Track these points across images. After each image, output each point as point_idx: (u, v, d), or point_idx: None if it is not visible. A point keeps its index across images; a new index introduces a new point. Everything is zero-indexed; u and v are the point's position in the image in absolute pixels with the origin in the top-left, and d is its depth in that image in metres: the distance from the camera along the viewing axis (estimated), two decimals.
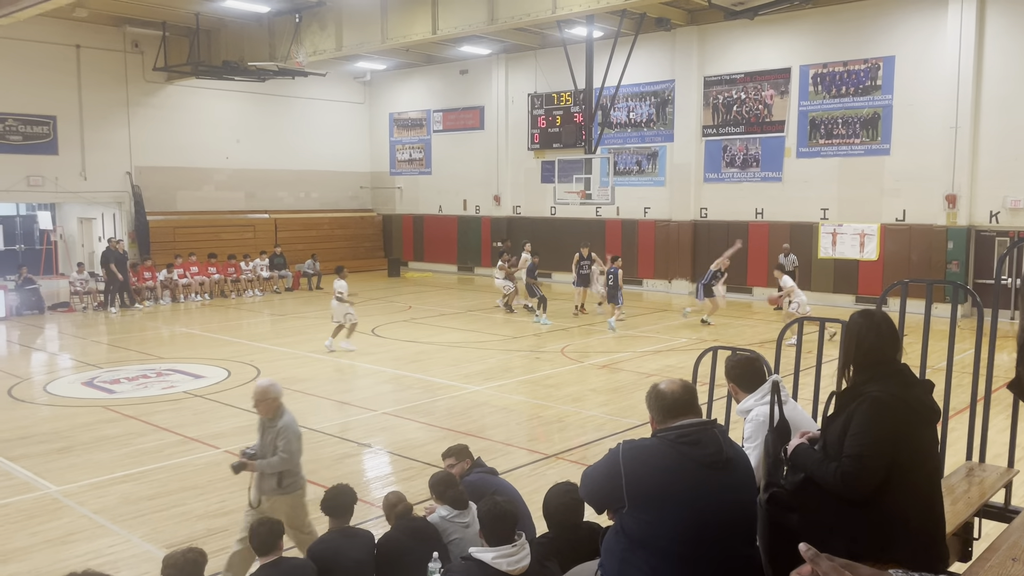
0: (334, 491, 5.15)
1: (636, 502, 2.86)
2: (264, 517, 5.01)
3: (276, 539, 4.70)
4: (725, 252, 18.26)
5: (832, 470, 2.98)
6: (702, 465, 2.87)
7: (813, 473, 3.06)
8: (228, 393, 11.75)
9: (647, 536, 2.84)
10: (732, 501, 2.92)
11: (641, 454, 2.92)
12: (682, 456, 2.87)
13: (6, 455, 8.91)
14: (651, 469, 2.88)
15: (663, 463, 2.88)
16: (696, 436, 2.91)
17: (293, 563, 4.72)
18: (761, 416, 3.76)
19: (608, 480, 2.93)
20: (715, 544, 2.85)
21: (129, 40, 24.35)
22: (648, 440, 2.99)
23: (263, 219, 27.60)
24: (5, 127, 22.42)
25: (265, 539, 4.67)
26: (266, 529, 4.71)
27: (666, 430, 2.97)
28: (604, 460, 3.00)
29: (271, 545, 4.67)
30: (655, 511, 2.83)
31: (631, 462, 2.88)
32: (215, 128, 26.64)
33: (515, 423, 10.41)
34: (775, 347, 5.19)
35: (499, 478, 5.44)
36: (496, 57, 26.93)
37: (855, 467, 2.94)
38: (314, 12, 20.54)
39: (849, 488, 2.96)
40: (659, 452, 2.91)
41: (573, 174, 21.64)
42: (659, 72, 23.44)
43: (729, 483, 2.92)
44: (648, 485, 2.85)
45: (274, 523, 4.82)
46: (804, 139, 21.04)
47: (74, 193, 23.79)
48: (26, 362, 14.97)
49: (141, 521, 7.07)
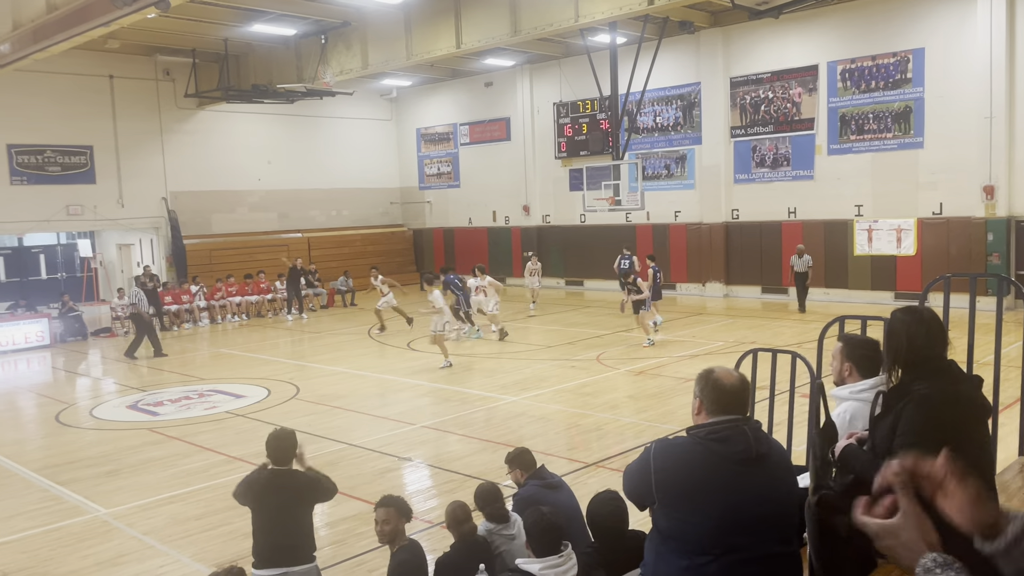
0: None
1: (665, 498, 2.90)
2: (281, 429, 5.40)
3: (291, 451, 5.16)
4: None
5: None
6: (732, 462, 2.87)
7: (863, 474, 3.01)
8: (269, 412, 11.88)
9: (677, 532, 2.88)
10: (765, 498, 2.90)
11: (671, 451, 2.96)
12: (711, 453, 2.88)
13: (56, 479, 9.09)
14: (679, 466, 2.90)
15: (691, 460, 2.90)
16: (726, 433, 2.91)
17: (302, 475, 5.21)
18: (848, 415, 3.61)
19: (641, 477, 2.98)
20: (747, 541, 2.84)
21: (160, 68, 24.86)
22: (679, 439, 3.02)
23: (296, 238, 27.93)
24: (44, 158, 22.99)
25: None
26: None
27: (698, 427, 2.98)
28: (639, 458, 3.06)
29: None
30: (683, 507, 2.87)
31: (661, 460, 2.93)
32: (247, 151, 27.06)
33: (553, 432, 10.39)
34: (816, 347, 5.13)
35: (557, 491, 5.35)
36: (520, 68, 27.04)
37: None
38: (339, 32, 20.81)
39: None
40: (688, 449, 2.94)
41: (601, 181, 21.62)
42: (684, 75, 23.35)
43: (762, 480, 2.90)
44: (676, 482, 2.88)
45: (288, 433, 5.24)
46: (835, 136, 20.81)
47: (112, 220, 24.30)
48: (72, 388, 15.29)
49: (189, 541, 7.17)
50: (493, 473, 7.95)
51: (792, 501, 3.01)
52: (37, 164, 22.86)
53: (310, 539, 5.19)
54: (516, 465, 5.58)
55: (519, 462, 5.60)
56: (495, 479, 6.88)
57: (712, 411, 2.98)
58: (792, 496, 3.02)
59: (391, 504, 4.92)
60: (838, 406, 3.68)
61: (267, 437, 5.25)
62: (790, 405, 5.02)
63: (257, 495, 5.07)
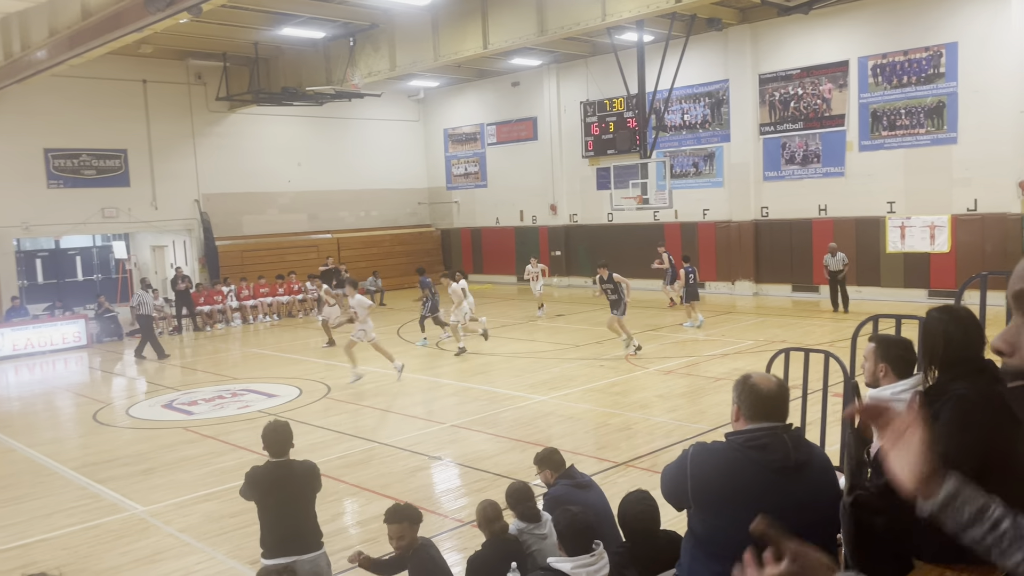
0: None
1: (700, 504, 2.90)
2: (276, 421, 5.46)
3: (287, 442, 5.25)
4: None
5: None
6: (770, 470, 2.85)
7: None
8: (301, 411, 12.01)
9: (711, 537, 2.88)
10: (805, 506, 2.87)
11: (708, 457, 2.95)
12: (749, 461, 2.86)
13: (94, 477, 9.27)
14: (716, 472, 2.90)
15: (728, 467, 2.89)
16: (764, 441, 2.89)
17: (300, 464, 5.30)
18: None
19: (677, 481, 2.98)
20: None
21: (192, 72, 25.21)
22: (717, 444, 3.01)
23: (326, 239, 28.17)
24: (80, 162, 23.41)
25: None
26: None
27: (736, 434, 2.97)
28: (677, 461, 3.06)
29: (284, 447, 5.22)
30: (718, 514, 2.86)
31: (698, 465, 2.92)
32: (277, 153, 27.35)
33: (582, 432, 10.40)
34: (849, 346, 5.09)
35: (587, 490, 5.35)
36: (547, 67, 27.04)
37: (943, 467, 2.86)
38: (368, 35, 20.96)
39: None
40: (725, 456, 2.92)
41: (629, 180, 21.55)
42: (712, 72, 23.20)
43: (802, 488, 2.87)
44: (712, 488, 2.88)
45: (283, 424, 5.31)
46: (866, 132, 20.55)
47: (146, 223, 24.69)
48: (108, 387, 15.57)
49: (225, 538, 7.28)
50: (522, 472, 7.97)
51: (833, 510, 2.98)
52: (73, 168, 23.30)
53: (316, 527, 5.28)
54: (546, 465, 5.58)
55: (548, 462, 5.60)
56: (524, 478, 6.90)
57: (750, 417, 2.96)
58: (834, 505, 2.99)
59: (403, 518, 4.90)
60: None
61: (263, 430, 5.33)
62: (823, 405, 5.00)
63: (260, 488, 5.15)
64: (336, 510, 7.86)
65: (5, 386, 16.13)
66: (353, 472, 8.95)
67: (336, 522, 7.39)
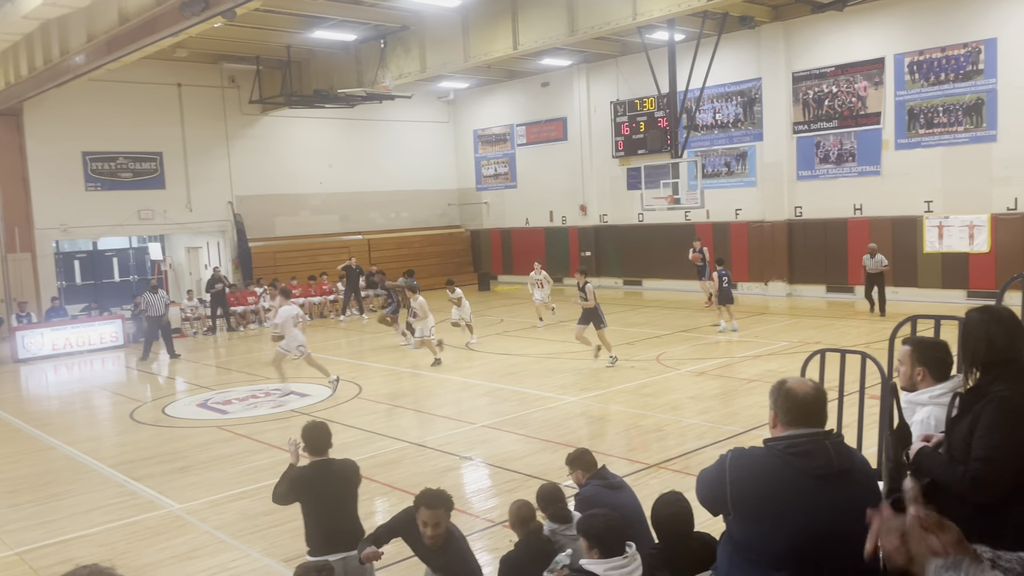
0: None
1: (740, 511, 2.85)
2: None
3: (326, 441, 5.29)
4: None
5: (960, 473, 2.86)
6: (812, 477, 2.79)
7: (939, 477, 2.94)
8: (333, 410, 12.10)
9: (751, 544, 2.83)
10: (847, 514, 2.79)
11: (748, 463, 2.89)
12: (790, 467, 2.81)
13: (132, 475, 9.42)
14: (756, 479, 2.84)
15: (769, 473, 2.83)
16: (806, 447, 2.83)
17: (342, 464, 5.29)
18: (933, 420, 3.46)
19: (715, 486, 2.93)
20: (825, 558, 2.76)
21: (226, 76, 25.53)
22: (756, 449, 2.95)
23: (357, 240, 28.37)
24: (116, 165, 23.83)
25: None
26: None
27: (776, 440, 2.91)
28: (714, 466, 3.00)
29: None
30: (759, 521, 2.81)
31: (737, 471, 2.87)
32: (308, 155, 27.61)
33: (613, 433, 10.35)
34: (886, 347, 5.01)
35: (619, 491, 5.33)
36: (577, 67, 26.98)
37: (984, 470, 2.81)
38: (398, 37, 21.07)
39: (979, 492, 2.83)
40: (765, 462, 2.86)
41: (660, 179, 21.42)
42: (745, 71, 22.99)
43: (844, 496, 2.81)
44: (752, 495, 2.82)
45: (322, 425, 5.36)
46: (902, 130, 20.22)
47: (181, 224, 25.06)
48: (144, 386, 15.82)
49: (259, 536, 7.36)
50: (553, 473, 7.96)
51: None
52: (110, 171, 23.71)
53: (358, 524, 5.33)
54: (577, 466, 5.57)
55: (580, 463, 5.58)
56: (555, 479, 6.89)
57: (788, 423, 2.90)
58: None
59: (440, 503, 4.65)
60: (918, 412, 3.55)
61: (302, 429, 5.37)
62: (860, 407, 4.92)
63: (306, 487, 5.18)
64: (368, 509, 7.89)
65: (45, 385, 16.46)
66: (385, 472, 9.00)
67: (368, 521, 7.37)
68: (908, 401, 3.65)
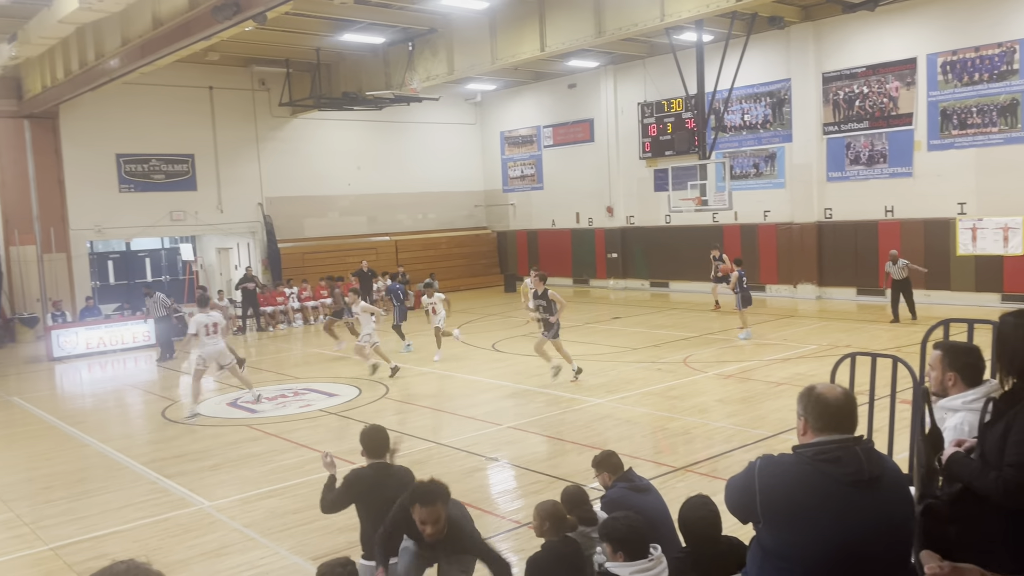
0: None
1: (770, 518, 2.83)
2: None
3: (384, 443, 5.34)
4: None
5: (993, 479, 2.82)
6: (843, 484, 2.77)
7: (972, 483, 2.91)
8: (360, 410, 12.19)
9: (782, 552, 2.81)
10: (879, 521, 2.79)
11: (777, 470, 2.87)
12: (820, 474, 2.78)
13: (163, 472, 9.56)
14: (786, 486, 2.82)
15: (799, 480, 2.81)
16: (836, 453, 2.81)
17: (400, 471, 5.29)
18: (967, 426, 3.42)
19: (744, 494, 2.91)
20: (858, 564, 2.75)
21: (256, 79, 25.83)
22: (786, 456, 2.92)
23: (384, 241, 28.56)
24: (150, 167, 24.20)
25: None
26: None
27: (805, 446, 2.89)
28: (743, 473, 2.98)
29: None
30: (790, 528, 2.78)
31: (766, 478, 2.85)
32: (337, 157, 27.84)
33: (640, 436, 10.32)
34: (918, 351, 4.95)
35: (645, 494, 5.31)
36: (604, 69, 26.93)
37: (1018, 476, 2.78)
38: (426, 39, 21.18)
39: (1012, 498, 2.80)
40: (796, 469, 2.84)
41: (687, 181, 21.31)
42: (774, 72, 22.80)
43: (876, 502, 2.79)
44: (782, 502, 2.80)
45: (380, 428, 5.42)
46: (935, 131, 19.94)
47: (212, 225, 25.38)
48: (175, 385, 16.03)
49: (288, 534, 7.43)
50: (580, 475, 7.96)
51: (908, 526, 2.88)
52: (143, 172, 24.09)
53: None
54: (604, 468, 5.57)
55: (606, 465, 5.58)
56: (581, 481, 6.89)
57: (819, 429, 2.88)
58: (908, 520, 2.89)
59: (436, 498, 4.43)
60: (951, 417, 3.50)
61: (361, 434, 5.40)
62: (891, 412, 4.87)
63: (366, 490, 5.18)
64: None
65: (79, 383, 16.75)
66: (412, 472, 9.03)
67: None
68: (941, 407, 3.60)
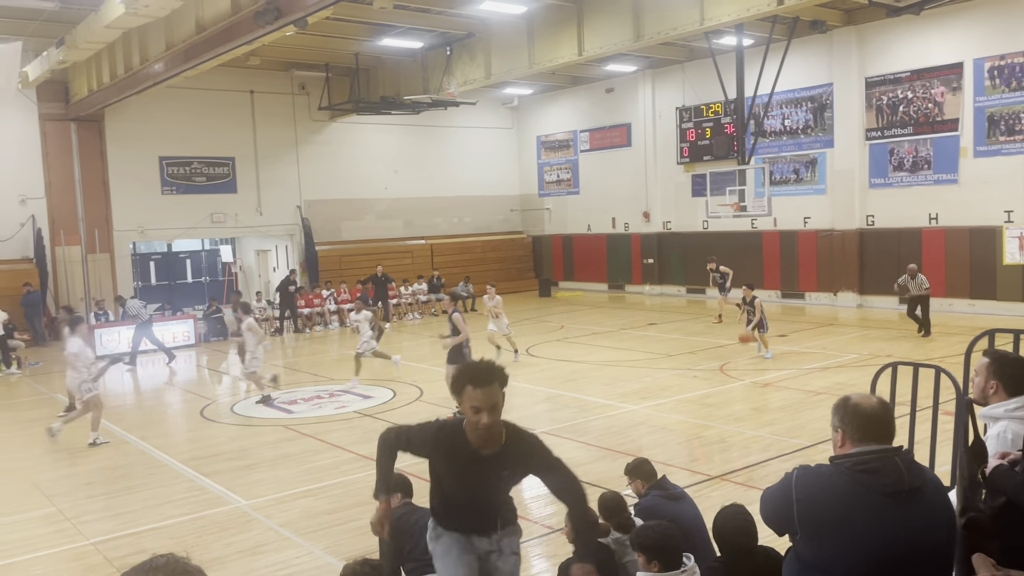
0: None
1: (808, 530, 2.78)
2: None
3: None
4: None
5: None
6: (882, 495, 2.71)
7: (1015, 496, 2.83)
8: (394, 413, 12.25)
9: (820, 564, 2.76)
10: (919, 533, 2.73)
11: (815, 481, 2.82)
12: (859, 485, 2.73)
13: (201, 471, 9.70)
14: (825, 497, 2.77)
15: (837, 491, 2.76)
16: (875, 464, 2.75)
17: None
18: (1010, 434, 3.35)
19: (781, 505, 2.87)
20: None
21: (296, 83, 26.17)
22: (823, 467, 2.87)
23: (420, 245, 28.71)
24: (191, 170, 24.63)
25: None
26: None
27: (843, 457, 2.84)
28: (779, 484, 2.94)
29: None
30: (828, 540, 2.73)
31: (804, 489, 2.80)
32: (375, 161, 28.07)
33: (675, 443, 10.22)
34: (962, 361, 4.84)
35: (679, 502, 5.27)
36: (642, 73, 26.80)
37: None
38: (464, 44, 21.28)
39: None
40: (834, 480, 2.79)
41: (726, 186, 21.13)
42: (815, 76, 22.49)
43: (916, 514, 2.73)
44: (820, 514, 2.75)
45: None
46: (982, 137, 19.51)
47: (251, 227, 25.75)
48: (214, 385, 16.29)
49: (322, 534, 7.49)
50: (613, 482, 7.89)
51: (949, 538, 2.82)
52: (185, 175, 24.53)
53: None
54: (637, 475, 5.54)
55: (640, 472, 5.55)
56: (615, 488, 6.83)
57: (857, 440, 2.82)
58: (949, 533, 2.83)
59: (493, 377, 3.73)
60: (993, 426, 3.45)
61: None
62: (933, 423, 4.76)
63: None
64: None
65: (120, 381, 17.07)
66: None
67: None
68: (983, 416, 3.54)
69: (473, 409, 3.63)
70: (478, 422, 3.64)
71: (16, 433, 12.33)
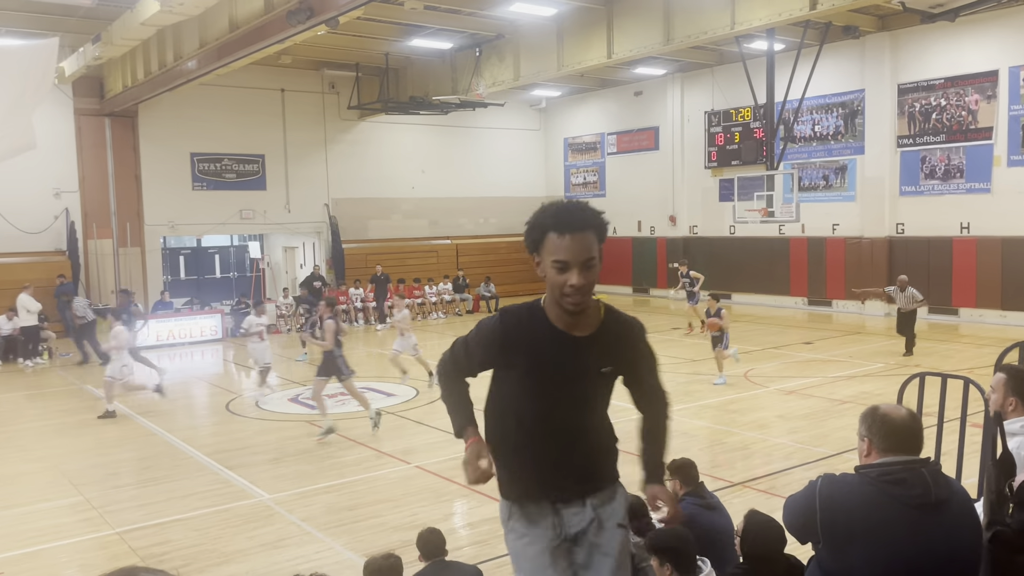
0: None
1: (831, 539, 2.76)
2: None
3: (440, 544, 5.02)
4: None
5: None
6: (908, 506, 2.69)
7: None
8: (417, 411, 12.32)
9: (843, 573, 2.74)
10: (944, 546, 2.70)
11: (840, 490, 2.80)
12: (884, 495, 2.71)
13: (226, 464, 9.82)
14: (849, 506, 2.74)
15: (863, 501, 2.73)
16: (902, 475, 2.73)
17: (461, 567, 4.97)
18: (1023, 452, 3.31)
19: (805, 513, 2.85)
20: None
21: (327, 82, 26.37)
22: (849, 476, 2.85)
23: (445, 244, 28.80)
24: (222, 166, 24.91)
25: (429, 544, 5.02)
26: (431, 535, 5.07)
27: (869, 467, 2.82)
28: (803, 491, 2.92)
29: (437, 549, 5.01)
30: (851, 550, 2.71)
31: (828, 498, 2.78)
32: (402, 160, 28.21)
33: (697, 448, 10.15)
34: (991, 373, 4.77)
35: (715, 512, 5.18)
36: (671, 76, 26.69)
37: None
38: (493, 45, 21.33)
39: None
40: (859, 490, 2.77)
41: (754, 191, 20.97)
42: (847, 82, 22.26)
43: (941, 527, 2.70)
44: (844, 523, 2.73)
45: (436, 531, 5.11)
46: (1016, 146, 19.20)
47: (280, 224, 25.98)
48: (240, 379, 16.45)
49: (343, 530, 7.56)
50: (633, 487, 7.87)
51: (975, 552, 2.79)
52: (215, 171, 24.81)
53: None
54: (678, 475, 5.27)
55: (682, 473, 5.30)
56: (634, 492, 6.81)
57: (885, 450, 2.80)
58: (975, 546, 2.80)
59: (585, 225, 3.00)
60: (1010, 441, 3.41)
61: (417, 537, 5.25)
62: (960, 434, 4.71)
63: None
64: (446, 511, 8.02)
65: (148, 374, 17.29)
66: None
67: (447, 523, 7.52)
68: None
69: (557, 266, 2.64)
70: (564, 283, 2.63)
71: (46, 423, 12.55)
